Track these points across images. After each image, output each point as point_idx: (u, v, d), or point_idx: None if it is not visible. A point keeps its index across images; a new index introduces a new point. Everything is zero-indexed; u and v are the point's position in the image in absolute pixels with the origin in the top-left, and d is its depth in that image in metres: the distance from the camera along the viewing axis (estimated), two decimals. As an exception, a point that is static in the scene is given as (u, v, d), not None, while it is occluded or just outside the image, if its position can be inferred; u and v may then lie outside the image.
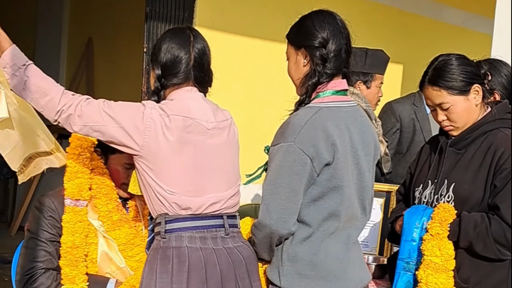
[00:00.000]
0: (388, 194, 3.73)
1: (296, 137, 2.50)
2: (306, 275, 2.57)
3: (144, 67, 4.92)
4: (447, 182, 2.88)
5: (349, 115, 2.65)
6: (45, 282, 2.75)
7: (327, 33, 2.61)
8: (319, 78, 2.61)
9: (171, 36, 2.71)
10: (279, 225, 2.53)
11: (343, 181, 2.56)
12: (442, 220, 2.76)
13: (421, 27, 7.49)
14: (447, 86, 2.86)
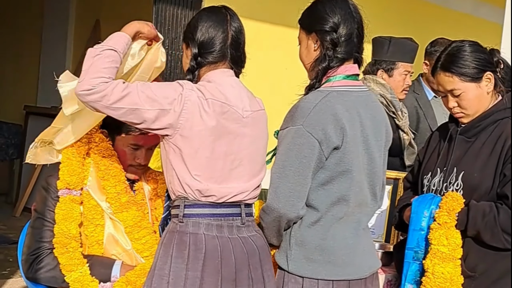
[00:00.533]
0: (396, 182, 3.72)
1: (305, 120, 2.49)
2: (314, 259, 2.57)
3: (152, 50, 4.91)
4: (457, 170, 2.86)
5: (360, 99, 2.64)
6: (50, 262, 2.74)
7: (338, 17, 2.60)
8: (329, 62, 2.60)
9: (208, 14, 2.66)
10: (287, 208, 2.52)
11: (352, 166, 2.56)
12: (450, 209, 2.75)
13: (430, 14, 7.46)
14: (459, 72, 2.85)
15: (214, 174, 2.53)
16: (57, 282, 2.75)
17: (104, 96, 2.39)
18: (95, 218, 2.80)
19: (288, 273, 2.61)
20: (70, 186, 2.79)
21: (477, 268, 2.78)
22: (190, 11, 5.07)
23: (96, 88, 2.38)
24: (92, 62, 2.46)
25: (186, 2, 5.04)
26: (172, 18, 4.97)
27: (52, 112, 7.76)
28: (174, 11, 4.97)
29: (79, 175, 2.81)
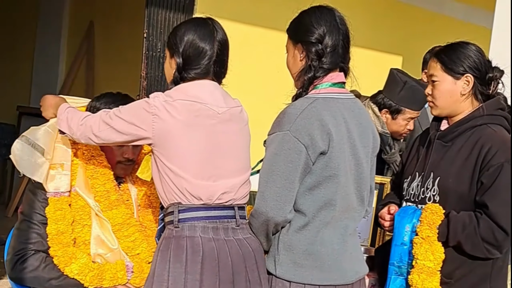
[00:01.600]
0: (381, 186, 3.75)
1: (291, 126, 2.53)
2: (301, 264, 2.60)
3: (144, 52, 4.93)
4: (433, 175, 2.89)
5: (346, 106, 2.68)
6: (34, 263, 2.76)
7: (323, 29, 2.65)
8: (314, 73, 2.65)
9: (195, 27, 2.69)
10: (275, 212, 2.55)
11: (338, 170, 2.59)
12: (430, 223, 2.77)
13: (422, 19, 7.49)
14: (443, 61, 2.90)
15: (199, 170, 2.57)
16: (40, 283, 2.77)
17: (91, 126, 2.62)
18: (83, 219, 2.82)
19: (276, 278, 2.64)
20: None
21: (454, 274, 2.80)
22: (182, 15, 5.09)
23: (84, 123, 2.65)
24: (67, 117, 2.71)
25: (178, 6, 5.06)
26: (164, 21, 4.99)
27: (45, 113, 7.79)
28: (166, 14, 4.99)
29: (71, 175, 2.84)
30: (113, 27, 7.56)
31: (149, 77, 4.99)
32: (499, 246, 2.70)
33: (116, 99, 2.95)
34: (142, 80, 4.98)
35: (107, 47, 7.74)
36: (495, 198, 2.70)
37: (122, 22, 7.28)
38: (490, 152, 2.74)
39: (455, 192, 2.81)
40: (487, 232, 2.68)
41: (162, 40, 4.98)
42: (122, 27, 7.26)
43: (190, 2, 5.15)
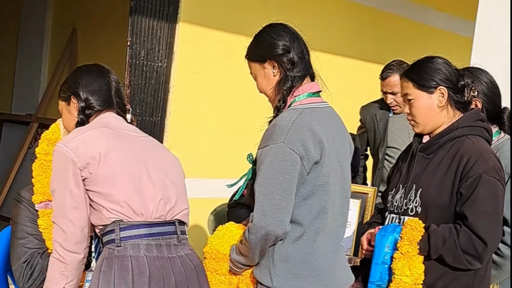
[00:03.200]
0: (364, 196, 3.77)
1: (285, 137, 2.56)
2: (299, 274, 2.62)
3: (127, 60, 4.92)
4: (415, 187, 2.92)
5: (327, 115, 2.74)
6: (40, 261, 2.79)
7: (286, 39, 2.71)
8: (292, 82, 2.69)
9: (87, 70, 2.81)
10: (275, 225, 2.56)
11: (329, 178, 2.64)
12: (411, 239, 2.79)
13: (405, 29, 7.53)
14: (414, 79, 2.93)
15: (128, 186, 2.55)
16: None
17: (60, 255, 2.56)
18: None
19: None
20: (50, 197, 2.79)
21: (436, 285, 2.83)
22: (166, 23, 5.09)
23: None
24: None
25: (162, 14, 5.07)
26: (148, 29, 4.99)
27: (27, 120, 7.75)
28: (150, 22, 4.99)
29: None
30: (96, 35, 7.53)
31: (133, 85, 4.98)
32: (479, 257, 2.73)
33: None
34: (125, 88, 4.97)
35: (90, 55, 7.70)
36: (473, 208, 2.73)
37: (106, 30, 7.25)
38: (469, 163, 2.77)
39: (436, 204, 2.84)
40: (467, 244, 2.71)
41: (146, 48, 4.98)
42: (105, 34, 7.24)
43: (173, 10, 5.15)
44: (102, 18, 7.36)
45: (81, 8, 7.78)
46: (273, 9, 5.96)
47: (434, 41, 7.74)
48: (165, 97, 5.25)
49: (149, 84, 5.09)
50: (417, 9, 7.63)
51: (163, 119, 5.27)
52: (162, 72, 5.17)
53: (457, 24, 8.02)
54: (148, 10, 4.97)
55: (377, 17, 7.16)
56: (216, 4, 5.55)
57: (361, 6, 6.93)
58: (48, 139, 2.90)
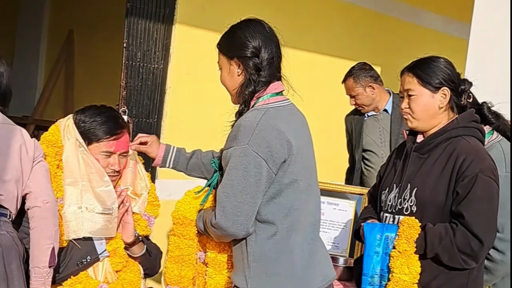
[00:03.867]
0: (360, 197, 3.78)
1: (250, 139, 2.51)
2: (273, 273, 2.59)
3: (124, 61, 4.93)
4: (410, 186, 2.92)
5: (291, 112, 2.71)
6: None
7: (258, 42, 2.65)
8: (255, 86, 2.65)
9: None
10: (236, 227, 2.54)
11: (298, 175, 2.60)
12: (408, 237, 2.79)
13: (400, 31, 7.55)
14: (420, 75, 2.93)
15: None
16: None
17: None
18: None
19: None
20: None
21: (431, 284, 2.83)
22: (162, 25, 5.11)
23: None
24: None
25: (158, 16, 5.08)
26: (144, 31, 5.00)
27: (24, 122, 7.75)
28: (146, 24, 5.00)
29: (56, 187, 2.85)
30: (93, 36, 7.55)
31: (129, 87, 4.99)
32: (475, 256, 2.74)
33: (102, 111, 2.99)
34: (122, 90, 4.98)
35: (87, 56, 7.73)
36: (470, 208, 2.73)
37: (102, 31, 7.27)
38: (465, 163, 2.78)
39: (432, 202, 2.84)
40: (463, 243, 2.72)
41: (142, 50, 5.00)
42: (102, 36, 7.25)
43: (170, 12, 5.17)
44: (98, 20, 7.38)
45: (77, 10, 7.80)
46: (271, 10, 5.97)
47: (430, 43, 7.75)
48: (161, 98, 5.26)
49: (145, 86, 5.10)
50: (414, 11, 7.66)
51: (159, 121, 5.27)
52: (158, 74, 5.18)
53: (453, 26, 8.04)
54: (144, 12, 4.98)
55: (374, 19, 7.18)
56: (212, 6, 5.56)
57: (359, 8, 6.95)
58: (48, 140, 2.91)
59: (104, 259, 2.89)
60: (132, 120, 5.01)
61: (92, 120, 2.93)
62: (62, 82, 7.94)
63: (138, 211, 3.02)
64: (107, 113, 2.99)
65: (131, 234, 2.96)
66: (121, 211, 2.93)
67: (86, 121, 2.93)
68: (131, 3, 4.90)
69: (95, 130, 2.91)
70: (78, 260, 2.81)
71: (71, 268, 2.81)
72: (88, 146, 2.92)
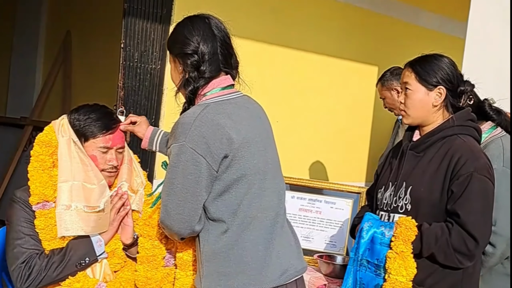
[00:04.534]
0: (357, 195, 3.79)
1: (187, 136, 2.48)
2: (225, 272, 2.56)
3: (121, 62, 4.93)
4: (405, 184, 2.94)
5: (240, 105, 2.65)
6: (38, 262, 2.80)
7: (196, 39, 2.63)
8: (194, 84, 2.62)
9: None
10: (179, 226, 2.53)
11: (246, 170, 2.55)
12: (405, 239, 2.80)
13: (398, 30, 7.56)
14: (417, 70, 2.97)
15: None
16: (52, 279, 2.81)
17: None
18: None
19: None
20: (47, 198, 2.85)
21: (426, 282, 2.85)
22: (160, 25, 5.11)
23: None
24: None
25: (155, 16, 5.08)
26: (141, 31, 5.01)
27: (22, 123, 7.76)
28: (144, 24, 5.00)
29: (52, 187, 2.87)
30: (90, 37, 7.55)
31: (126, 87, 4.99)
32: (470, 255, 2.75)
33: (95, 108, 3.02)
34: (119, 90, 4.99)
35: (84, 57, 7.73)
36: (465, 207, 2.75)
37: (99, 32, 7.27)
38: (460, 161, 2.80)
39: (426, 201, 2.86)
40: (459, 242, 2.73)
41: (139, 50, 5.00)
42: (99, 37, 7.25)
43: (167, 12, 5.17)
44: (96, 21, 7.38)
45: (75, 11, 7.80)
46: (267, 10, 5.98)
47: (427, 42, 7.74)
48: (159, 99, 5.26)
49: (143, 86, 5.10)
50: (410, 10, 7.66)
51: (157, 121, 5.28)
52: (156, 74, 5.18)
53: (449, 25, 8.05)
54: (142, 12, 4.98)
55: (370, 18, 7.18)
56: (209, 6, 5.51)
57: (354, 7, 6.95)
58: (42, 141, 2.92)
59: (103, 260, 2.90)
60: (130, 121, 5.02)
61: (87, 117, 2.96)
62: (60, 83, 7.95)
63: (136, 208, 3.03)
64: (101, 110, 3.03)
65: (130, 236, 2.97)
66: (121, 214, 2.95)
67: (81, 119, 2.95)
68: (128, 4, 4.90)
69: (91, 127, 2.94)
70: (77, 261, 2.82)
71: (70, 269, 2.81)
72: (85, 143, 2.94)
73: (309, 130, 6.60)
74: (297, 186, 3.93)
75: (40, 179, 2.87)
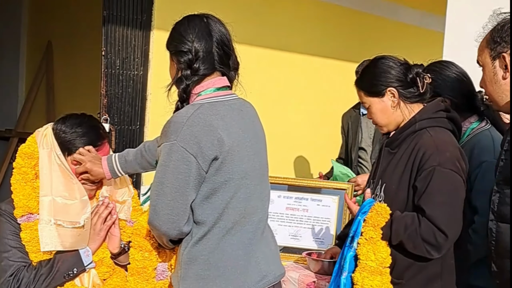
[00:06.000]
0: (343, 192, 3.80)
1: (178, 135, 2.45)
2: (204, 275, 2.54)
3: (103, 70, 4.94)
4: (381, 182, 2.96)
5: (234, 107, 2.63)
6: (27, 275, 2.78)
7: (191, 37, 2.61)
8: (186, 83, 2.60)
9: None
10: (168, 226, 2.50)
11: (233, 174, 2.52)
12: (375, 224, 2.81)
13: (377, 26, 7.60)
14: (363, 87, 3.03)
15: None
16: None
17: None
18: None
19: None
20: (31, 210, 2.83)
21: (404, 275, 2.84)
22: (140, 31, 5.12)
23: None
24: None
25: (135, 23, 5.09)
26: (122, 38, 5.01)
27: (7, 135, 7.74)
28: (124, 31, 5.01)
29: (36, 199, 2.84)
30: (71, 46, 7.54)
31: (109, 95, 5.00)
32: (439, 247, 2.74)
33: (82, 120, 2.97)
34: (102, 98, 4.99)
35: (66, 67, 7.73)
36: (429, 201, 2.74)
37: (80, 41, 7.26)
38: (424, 157, 2.79)
39: (397, 198, 2.86)
40: (428, 234, 2.73)
41: (121, 57, 5.00)
42: (80, 45, 7.25)
43: (147, 18, 5.18)
44: (76, 30, 7.37)
45: (55, 21, 7.79)
46: (247, 12, 6.00)
47: (407, 38, 7.81)
48: (142, 105, 5.27)
49: (126, 93, 5.10)
50: (389, 7, 7.71)
51: (142, 127, 5.28)
52: (138, 81, 5.18)
53: (429, 20, 8.10)
54: (122, 19, 4.99)
55: (351, 16, 7.22)
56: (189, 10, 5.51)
57: (335, 6, 6.99)
58: (24, 153, 2.89)
59: (91, 270, 2.89)
60: (115, 128, 5.01)
61: (73, 131, 2.89)
62: (43, 93, 7.93)
63: (124, 218, 3.01)
64: (88, 123, 2.96)
65: (117, 246, 2.94)
66: (108, 224, 2.92)
67: (67, 131, 2.89)
68: (107, 11, 4.90)
69: (75, 141, 2.89)
70: (65, 272, 2.80)
71: (58, 280, 2.80)
72: (68, 156, 2.90)
73: (293, 129, 6.62)
74: (283, 185, 3.94)
75: (23, 191, 2.85)
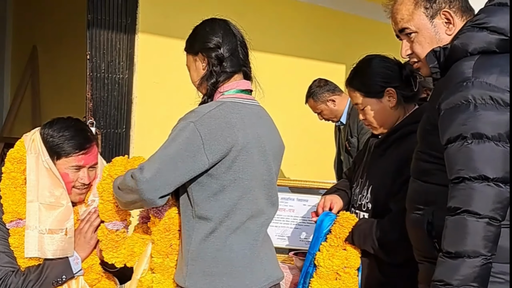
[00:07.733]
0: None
1: (197, 120, 2.51)
2: (211, 272, 2.57)
3: (88, 73, 4.93)
4: (368, 183, 2.93)
5: (254, 112, 2.70)
6: (15, 280, 2.78)
7: (220, 34, 2.70)
8: (217, 78, 2.67)
9: None
10: (146, 187, 2.47)
11: (243, 174, 2.57)
12: (338, 236, 2.85)
13: (362, 28, 7.63)
14: (359, 88, 2.94)
15: None
16: None
17: None
18: None
19: None
20: (20, 216, 2.82)
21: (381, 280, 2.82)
22: (125, 35, 5.12)
23: None
24: None
25: (120, 26, 5.09)
26: (107, 42, 5.01)
27: (-9, 141, 7.72)
28: (109, 35, 5.01)
29: (25, 204, 2.84)
30: (56, 50, 7.54)
31: (95, 98, 4.99)
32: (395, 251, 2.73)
33: (69, 124, 2.96)
34: (88, 102, 4.98)
35: (51, 71, 7.72)
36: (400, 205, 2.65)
37: (65, 45, 7.26)
38: (408, 162, 2.71)
39: (383, 201, 2.84)
40: (382, 241, 2.74)
41: (106, 61, 5.00)
42: (65, 49, 7.24)
43: (131, 21, 5.18)
44: (60, 34, 7.37)
45: (39, 26, 7.78)
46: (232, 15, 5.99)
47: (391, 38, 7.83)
48: (128, 108, 5.26)
49: (111, 97, 5.10)
50: (371, 7, 7.74)
51: (128, 131, 5.27)
52: (124, 84, 5.18)
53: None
54: (106, 23, 4.98)
55: (333, 17, 7.24)
56: (173, 13, 5.59)
57: (318, 7, 7.01)
58: (13, 157, 2.88)
59: (79, 277, 2.89)
60: (101, 132, 5.01)
61: (60, 134, 2.89)
62: (29, 98, 7.93)
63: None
64: (75, 126, 2.96)
65: None
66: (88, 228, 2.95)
67: (54, 136, 2.89)
68: (92, 15, 4.89)
69: (64, 145, 2.88)
70: (54, 279, 2.81)
71: (47, 286, 2.80)
72: (57, 161, 2.89)
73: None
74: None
75: (13, 196, 2.84)
